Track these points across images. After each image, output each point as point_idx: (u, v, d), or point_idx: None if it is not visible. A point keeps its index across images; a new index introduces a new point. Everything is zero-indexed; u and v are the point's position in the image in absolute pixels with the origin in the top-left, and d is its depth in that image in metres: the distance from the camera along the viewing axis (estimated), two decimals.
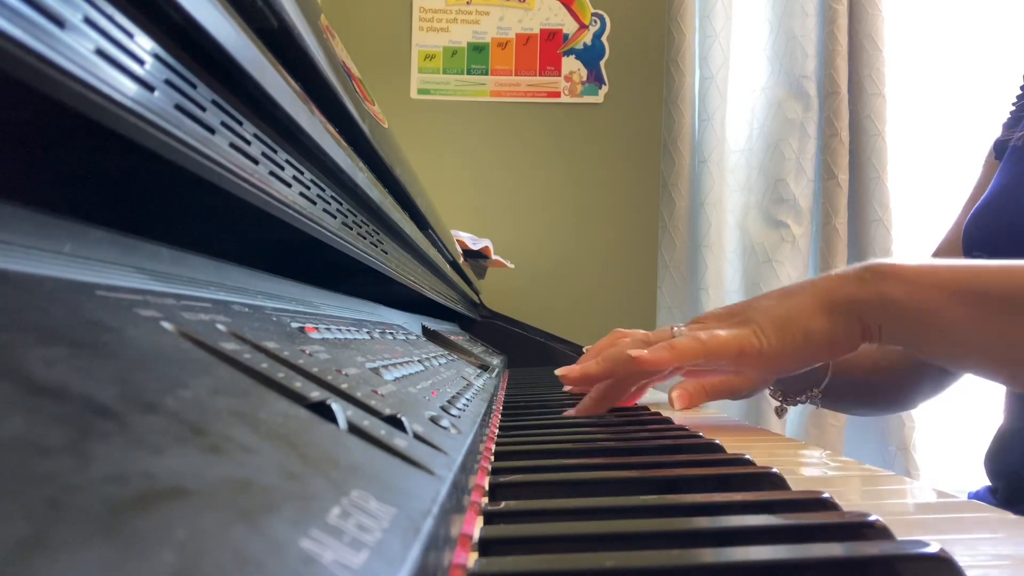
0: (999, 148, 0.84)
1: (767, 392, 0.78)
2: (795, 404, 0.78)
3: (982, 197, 0.78)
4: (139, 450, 0.12)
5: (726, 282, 1.68)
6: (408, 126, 1.82)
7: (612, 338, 0.74)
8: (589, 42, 1.89)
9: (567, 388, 0.74)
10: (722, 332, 0.56)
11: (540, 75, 1.88)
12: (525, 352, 1.37)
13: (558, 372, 0.64)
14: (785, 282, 1.58)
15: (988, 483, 0.80)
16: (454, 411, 0.36)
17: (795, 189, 1.60)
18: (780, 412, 0.80)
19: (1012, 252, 0.73)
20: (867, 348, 0.77)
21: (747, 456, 0.38)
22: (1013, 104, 0.85)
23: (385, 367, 0.36)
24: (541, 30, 1.89)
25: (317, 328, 0.34)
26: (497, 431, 0.51)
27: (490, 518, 0.28)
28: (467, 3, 1.88)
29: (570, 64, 1.89)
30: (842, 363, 0.75)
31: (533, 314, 1.54)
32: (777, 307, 0.57)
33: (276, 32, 0.30)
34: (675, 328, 0.60)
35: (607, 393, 0.61)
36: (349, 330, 0.40)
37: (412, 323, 0.75)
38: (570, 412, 0.61)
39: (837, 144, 1.57)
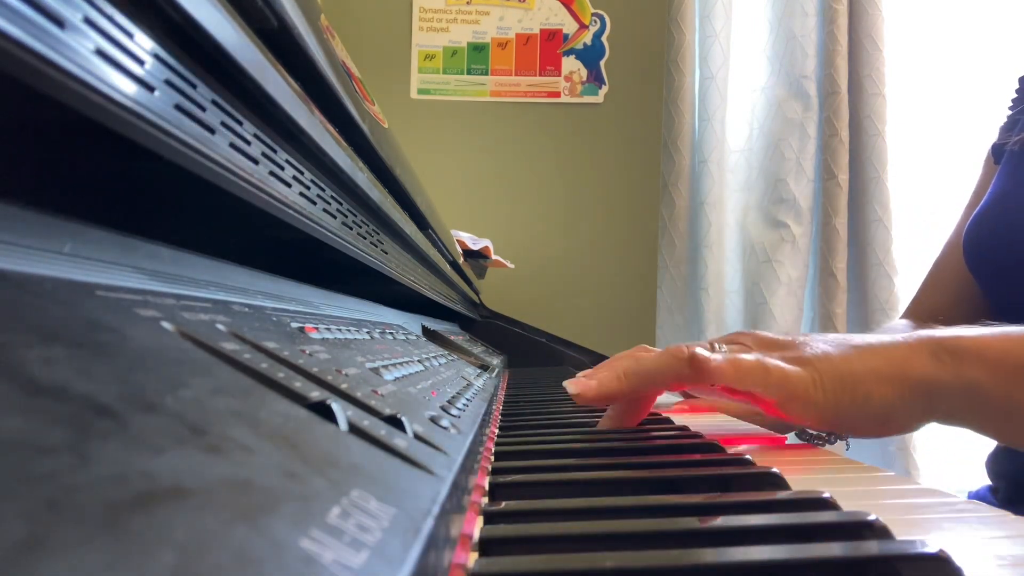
0: (996, 152, 0.84)
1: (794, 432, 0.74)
2: (823, 444, 0.73)
3: (981, 202, 0.78)
4: (139, 450, 0.12)
5: (726, 282, 1.68)
6: (408, 126, 1.82)
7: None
8: (589, 42, 1.89)
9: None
10: (784, 367, 0.49)
11: (540, 75, 1.88)
12: (525, 352, 1.37)
13: (569, 390, 0.54)
14: (785, 282, 1.58)
15: (988, 483, 0.80)
16: (454, 411, 0.36)
17: (795, 189, 1.60)
18: None
19: (1012, 258, 0.73)
20: None
21: (747, 456, 0.38)
22: (1009, 108, 0.85)
23: (385, 367, 0.36)
24: (541, 30, 1.89)
25: (317, 328, 0.34)
26: (497, 431, 0.51)
27: (490, 518, 0.28)
28: (467, 3, 1.88)
29: (570, 64, 1.89)
30: None
31: (533, 314, 1.54)
32: (840, 359, 0.50)
33: (276, 32, 0.30)
34: (715, 345, 0.53)
35: (633, 409, 0.55)
36: (349, 330, 0.40)
37: (412, 323, 0.75)
38: (603, 425, 0.55)
39: (837, 144, 1.57)
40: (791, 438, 0.67)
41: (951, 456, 1.57)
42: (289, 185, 0.31)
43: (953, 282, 0.84)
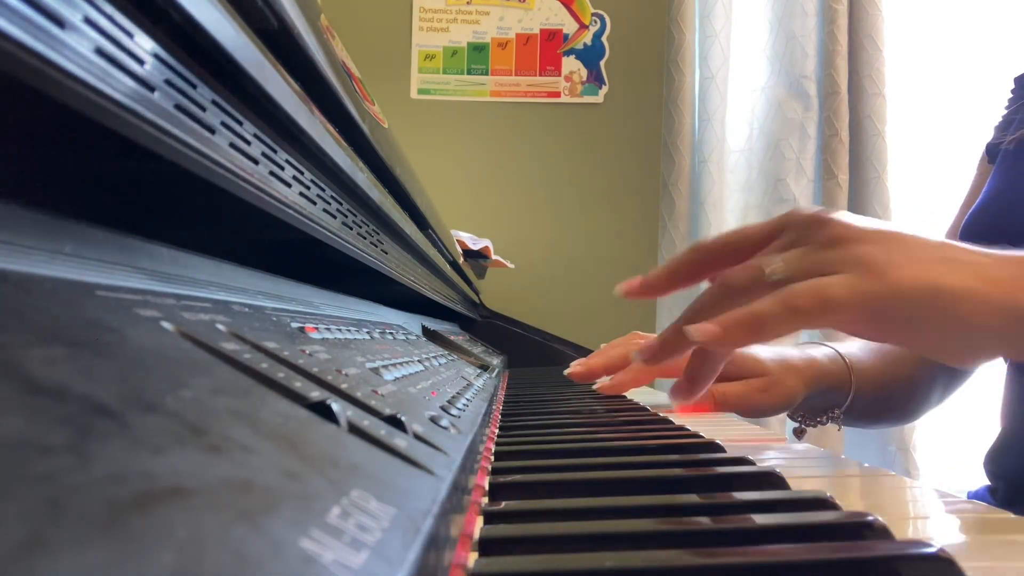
0: (991, 151, 0.84)
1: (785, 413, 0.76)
2: (816, 426, 0.75)
3: (976, 201, 0.78)
4: (139, 450, 0.12)
5: None
6: (408, 126, 1.82)
7: (632, 339, 0.71)
8: (589, 42, 1.89)
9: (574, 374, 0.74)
10: (833, 288, 0.39)
11: (540, 75, 1.88)
12: (525, 352, 1.37)
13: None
14: None
15: (987, 483, 0.80)
16: (454, 411, 0.36)
17: (795, 189, 1.60)
18: (799, 433, 0.76)
19: None
20: (884, 359, 0.76)
21: (747, 456, 0.38)
22: (1005, 107, 0.85)
23: (385, 367, 0.36)
24: (541, 30, 1.89)
25: (317, 328, 0.34)
26: (497, 431, 0.51)
27: (490, 518, 0.28)
28: (467, 3, 1.88)
29: (570, 64, 1.89)
30: (861, 377, 0.73)
31: (533, 314, 1.54)
32: (929, 266, 0.40)
33: (276, 32, 0.30)
34: (769, 265, 0.42)
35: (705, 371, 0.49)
36: (349, 330, 0.40)
37: (412, 323, 0.75)
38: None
39: (837, 144, 1.57)
40: (787, 429, 0.68)
41: (951, 456, 1.57)
42: (289, 185, 0.31)
43: None
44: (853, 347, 0.77)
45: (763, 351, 0.74)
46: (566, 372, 0.76)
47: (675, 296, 1.68)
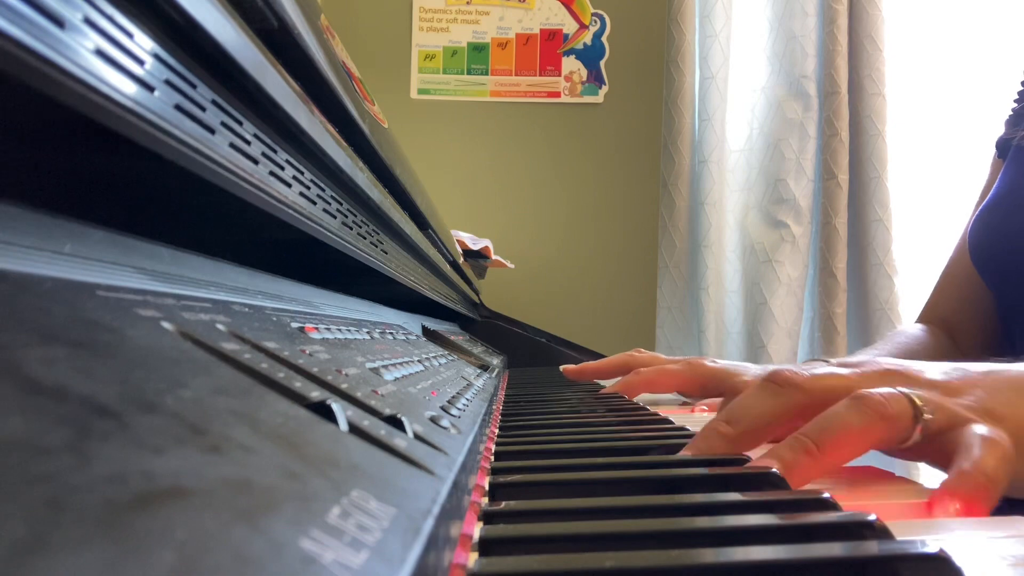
0: (1002, 146, 0.83)
1: None
2: None
3: (986, 199, 0.78)
4: (139, 450, 0.12)
5: (726, 282, 1.68)
6: (408, 126, 1.82)
7: (625, 358, 0.78)
8: (589, 42, 1.89)
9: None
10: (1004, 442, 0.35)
11: (540, 75, 1.88)
12: (525, 352, 1.37)
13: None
14: (785, 282, 1.58)
15: None
16: (454, 411, 0.36)
17: (795, 189, 1.60)
18: None
19: (1019, 254, 0.72)
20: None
21: (747, 456, 0.38)
22: (1015, 101, 0.84)
23: (385, 367, 0.36)
24: (541, 30, 1.89)
25: (317, 328, 0.34)
26: (497, 431, 0.51)
27: (490, 518, 0.28)
28: (467, 3, 1.88)
29: (570, 64, 1.89)
30: None
31: (533, 314, 1.54)
32: None
33: (276, 32, 0.30)
34: (914, 397, 0.37)
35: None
36: (349, 330, 0.40)
37: (412, 323, 0.75)
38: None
39: (837, 144, 1.57)
40: None
41: None
42: (289, 185, 0.31)
43: (965, 284, 0.83)
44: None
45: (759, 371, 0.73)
46: (562, 368, 0.85)
47: (674, 295, 1.69)
